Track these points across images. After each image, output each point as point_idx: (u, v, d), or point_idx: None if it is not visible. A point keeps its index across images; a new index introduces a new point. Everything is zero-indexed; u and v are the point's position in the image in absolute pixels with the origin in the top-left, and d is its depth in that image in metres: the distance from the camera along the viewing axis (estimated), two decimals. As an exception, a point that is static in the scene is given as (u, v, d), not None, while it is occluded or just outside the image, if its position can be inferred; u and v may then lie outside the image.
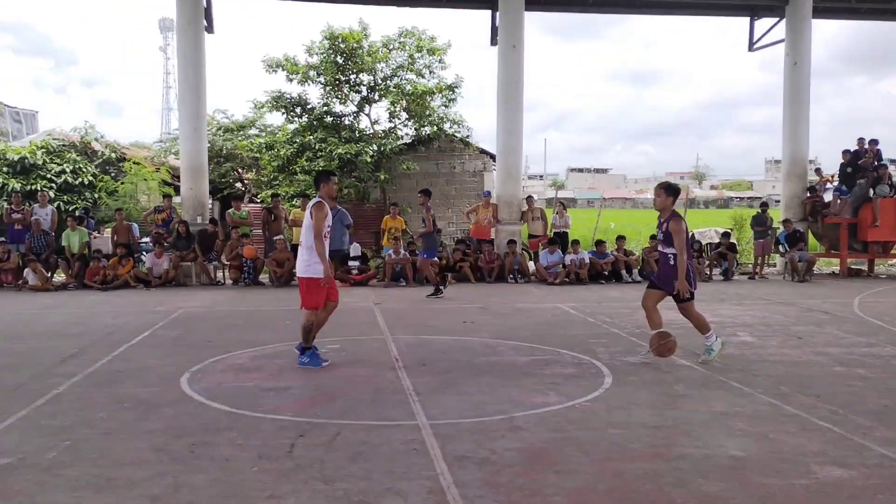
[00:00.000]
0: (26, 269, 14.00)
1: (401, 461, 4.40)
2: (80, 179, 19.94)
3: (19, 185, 18.73)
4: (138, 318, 10.19)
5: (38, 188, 18.13)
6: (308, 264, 6.90)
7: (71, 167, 19.99)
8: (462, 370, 6.92)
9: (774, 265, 18.16)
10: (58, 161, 20.04)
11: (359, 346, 8.23)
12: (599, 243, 16.00)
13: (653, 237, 16.38)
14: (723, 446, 4.69)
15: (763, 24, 18.99)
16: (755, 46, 19.16)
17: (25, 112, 32.15)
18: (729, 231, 18.97)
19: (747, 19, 19.21)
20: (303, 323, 7.04)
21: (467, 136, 19.87)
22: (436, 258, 13.37)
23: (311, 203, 7.02)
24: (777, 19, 18.40)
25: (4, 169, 19.47)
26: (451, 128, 19.24)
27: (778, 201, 22.69)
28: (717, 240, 18.34)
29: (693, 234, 19.56)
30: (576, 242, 15.81)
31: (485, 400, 5.82)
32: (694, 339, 8.46)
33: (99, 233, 16.82)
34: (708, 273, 16.19)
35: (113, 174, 20.61)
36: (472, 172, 21.38)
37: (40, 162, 19.73)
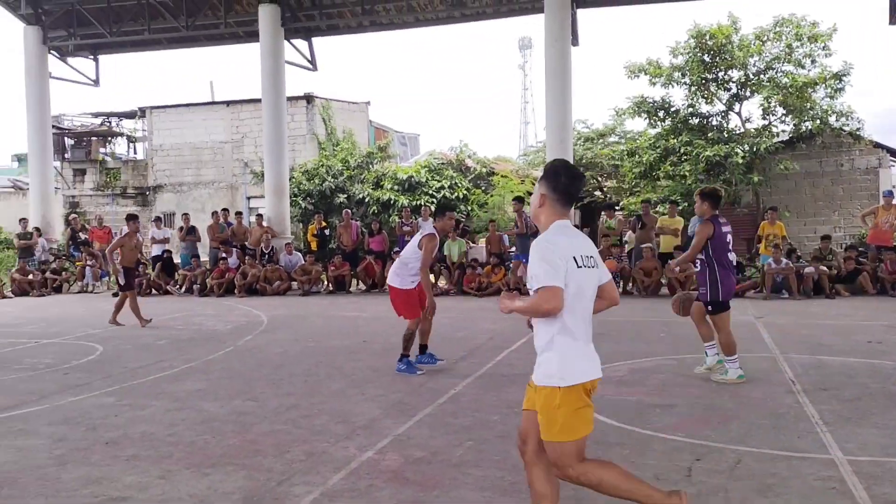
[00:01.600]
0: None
1: (818, 500, 3.85)
2: (456, 194, 21.86)
3: (406, 200, 21.15)
4: (514, 325, 10.59)
5: (422, 203, 20.25)
6: (402, 277, 7.34)
7: (448, 183, 22.03)
8: (876, 398, 5.95)
9: None
10: (437, 178, 22.23)
11: (745, 364, 7.54)
12: None
13: None
14: None
15: None
16: None
17: (410, 135, 36.35)
18: None
19: None
20: (405, 332, 7.34)
21: (858, 129, 17.55)
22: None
23: (424, 233, 7.32)
24: None
25: (395, 187, 22.17)
26: (837, 121, 17.17)
27: None
28: None
29: None
30: None
31: (915, 437, 4.89)
32: None
33: (474, 242, 18.16)
34: None
35: (483, 188, 22.23)
36: (863, 170, 18.85)
37: (423, 179, 22.08)
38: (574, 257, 3.15)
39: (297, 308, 13.58)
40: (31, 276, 17.56)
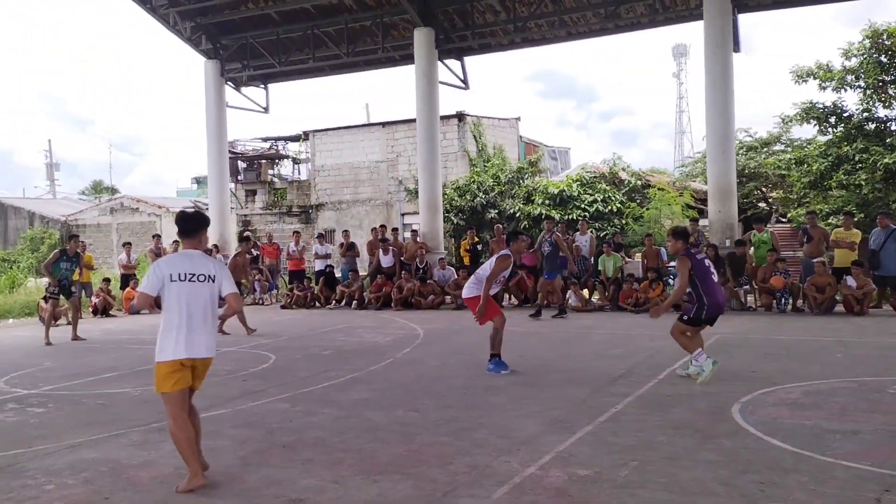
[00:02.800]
0: (568, 292, 15.46)
1: None
2: (609, 207, 21.49)
3: (558, 215, 21.01)
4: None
5: (574, 217, 20.04)
6: (472, 287, 8.24)
7: (601, 196, 21.71)
8: None
9: None
10: (589, 191, 21.96)
11: (937, 389, 6.91)
12: None
13: None
14: None
15: None
16: None
17: (560, 149, 36.10)
18: None
19: None
20: (491, 333, 8.11)
21: None
22: (557, 278, 14.16)
23: (500, 252, 8.19)
24: None
25: (546, 202, 22.10)
26: None
27: None
28: None
29: None
30: None
31: None
32: None
33: (630, 258, 17.72)
34: None
35: (638, 201, 21.68)
36: None
37: (575, 193, 21.89)
38: (171, 274, 4.56)
39: (451, 321, 13.83)
40: (209, 290, 19.03)
